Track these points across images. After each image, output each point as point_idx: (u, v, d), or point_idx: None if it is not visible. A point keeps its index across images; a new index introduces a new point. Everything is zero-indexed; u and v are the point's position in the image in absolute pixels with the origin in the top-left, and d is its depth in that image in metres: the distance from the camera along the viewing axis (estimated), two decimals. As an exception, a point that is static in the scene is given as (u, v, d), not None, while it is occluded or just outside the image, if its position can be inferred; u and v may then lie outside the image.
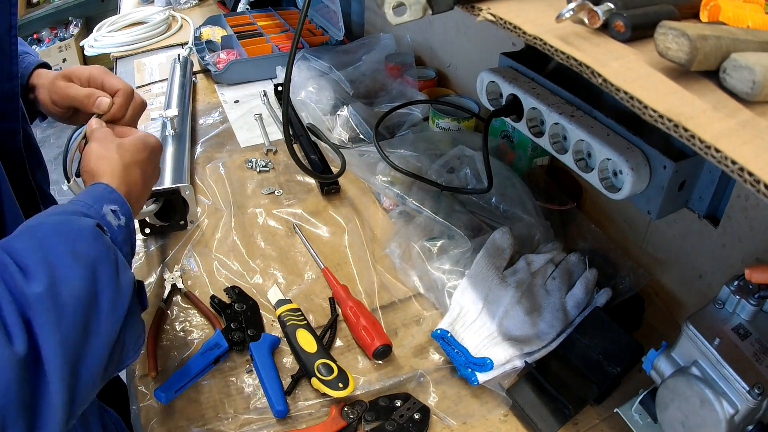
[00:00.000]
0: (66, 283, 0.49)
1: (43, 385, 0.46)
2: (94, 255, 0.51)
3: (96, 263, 0.51)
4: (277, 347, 0.81)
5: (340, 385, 0.73)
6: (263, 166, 1.18)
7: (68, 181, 0.73)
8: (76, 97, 0.73)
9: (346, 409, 0.72)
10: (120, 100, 0.73)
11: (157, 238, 0.99)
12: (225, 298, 0.88)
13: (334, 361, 0.76)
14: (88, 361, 0.49)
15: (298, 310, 0.85)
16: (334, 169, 1.11)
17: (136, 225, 0.95)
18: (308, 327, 0.82)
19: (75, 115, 0.78)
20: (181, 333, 0.84)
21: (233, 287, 0.89)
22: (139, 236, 0.99)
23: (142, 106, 0.76)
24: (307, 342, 0.79)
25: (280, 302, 0.86)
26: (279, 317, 0.84)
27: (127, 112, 0.74)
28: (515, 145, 1.05)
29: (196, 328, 0.84)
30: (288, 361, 0.81)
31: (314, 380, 0.75)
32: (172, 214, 0.97)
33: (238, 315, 0.84)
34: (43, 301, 0.47)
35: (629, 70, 0.46)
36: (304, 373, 0.76)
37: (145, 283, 0.91)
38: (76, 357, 0.48)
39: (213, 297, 0.87)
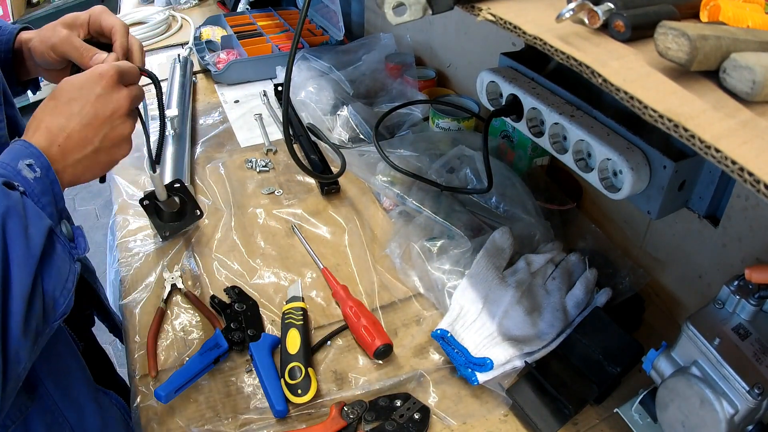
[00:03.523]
0: None
1: None
2: (2, 211, 0.51)
3: (4, 218, 0.51)
4: (277, 347, 0.81)
5: (299, 391, 0.73)
6: (263, 166, 1.18)
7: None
8: (75, 47, 0.73)
9: (346, 409, 0.72)
10: (119, 41, 0.74)
11: (155, 238, 0.99)
12: (225, 298, 0.88)
13: (309, 367, 0.76)
14: (9, 319, 0.49)
15: (302, 310, 0.84)
16: (334, 169, 1.11)
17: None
18: (302, 328, 0.81)
19: (66, 69, 0.77)
20: (181, 333, 0.84)
21: (233, 287, 0.89)
22: (141, 236, 1.00)
23: (140, 46, 0.78)
24: (292, 343, 0.79)
25: (293, 299, 0.86)
26: (283, 313, 0.84)
27: (127, 53, 0.75)
28: (515, 145, 1.05)
29: (196, 328, 0.85)
30: (288, 361, 0.81)
31: (282, 381, 0.75)
32: (184, 207, 0.98)
33: (238, 315, 0.84)
34: None
35: (629, 70, 0.46)
36: (281, 373, 0.76)
37: (145, 283, 0.91)
38: None
39: (213, 297, 0.87)
